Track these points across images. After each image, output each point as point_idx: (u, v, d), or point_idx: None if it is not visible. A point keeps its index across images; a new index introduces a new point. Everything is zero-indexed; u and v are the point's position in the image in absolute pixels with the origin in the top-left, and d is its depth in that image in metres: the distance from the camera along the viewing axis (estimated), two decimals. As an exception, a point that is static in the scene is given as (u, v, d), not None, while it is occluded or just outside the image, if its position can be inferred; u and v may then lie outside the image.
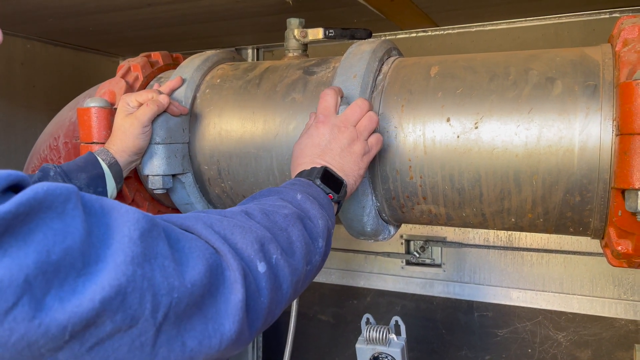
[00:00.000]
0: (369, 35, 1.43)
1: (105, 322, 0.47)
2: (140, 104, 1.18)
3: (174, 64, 1.54)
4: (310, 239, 0.79)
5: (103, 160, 1.16)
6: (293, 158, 1.01)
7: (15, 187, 0.46)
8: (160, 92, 1.21)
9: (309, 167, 0.95)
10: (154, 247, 0.52)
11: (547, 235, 1.94)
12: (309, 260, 0.77)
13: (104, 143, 1.32)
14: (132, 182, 1.40)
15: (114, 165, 1.16)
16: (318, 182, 0.92)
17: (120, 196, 1.40)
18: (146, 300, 0.49)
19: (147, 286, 0.49)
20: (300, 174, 0.95)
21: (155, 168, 1.23)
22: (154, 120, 1.21)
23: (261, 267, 0.65)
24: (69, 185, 0.49)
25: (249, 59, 2.39)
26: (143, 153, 1.22)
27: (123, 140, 1.17)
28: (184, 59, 1.46)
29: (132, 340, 0.49)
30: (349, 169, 0.98)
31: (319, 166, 0.95)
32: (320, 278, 2.34)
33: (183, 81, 1.32)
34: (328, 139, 0.98)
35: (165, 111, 1.22)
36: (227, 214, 0.71)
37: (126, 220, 0.51)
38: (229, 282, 0.59)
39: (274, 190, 0.87)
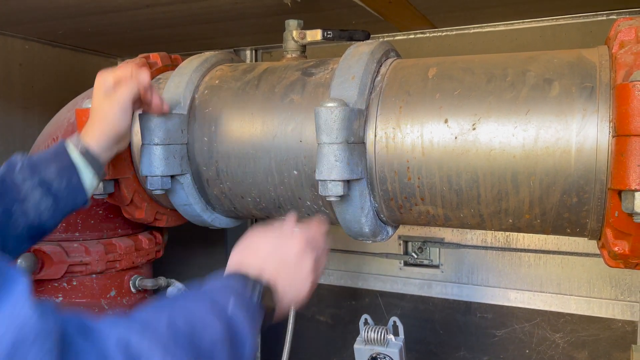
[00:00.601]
0: (367, 37, 1.44)
1: None
2: (119, 82, 1.09)
3: (172, 65, 1.54)
4: None
5: (75, 146, 1.06)
6: (243, 247, 0.92)
7: None
8: (140, 67, 1.12)
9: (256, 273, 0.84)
10: None
11: (545, 236, 1.95)
12: None
13: (102, 144, 1.32)
14: (130, 183, 1.40)
15: (87, 154, 1.07)
16: (255, 297, 0.81)
17: (118, 197, 1.40)
18: None
19: None
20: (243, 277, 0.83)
21: (154, 169, 1.24)
22: (152, 121, 1.21)
23: None
24: None
25: (248, 60, 2.39)
26: (125, 137, 1.14)
27: (102, 124, 1.09)
28: (183, 60, 1.46)
29: None
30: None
31: (264, 281, 0.84)
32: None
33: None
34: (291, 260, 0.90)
35: (150, 110, 1.18)
36: (150, 325, 0.64)
37: (10, 316, 0.45)
38: None
39: (207, 291, 0.78)
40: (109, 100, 1.08)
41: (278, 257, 0.88)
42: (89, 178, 1.08)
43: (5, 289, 0.47)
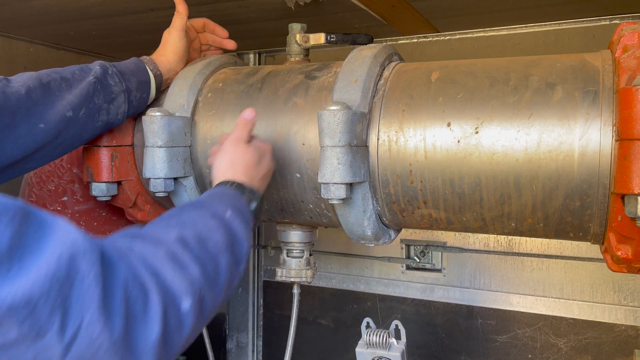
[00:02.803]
0: (370, 41, 1.44)
1: (11, 328, 0.48)
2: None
3: (176, 68, 1.55)
4: (234, 266, 0.83)
5: (150, 70, 1.28)
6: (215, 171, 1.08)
7: None
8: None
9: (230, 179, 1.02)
10: (82, 271, 0.55)
11: (547, 240, 1.94)
12: (229, 286, 0.82)
13: (107, 146, 1.33)
14: (133, 185, 1.41)
15: (158, 77, 1.30)
16: (245, 194, 0.99)
17: (122, 199, 1.41)
18: (55, 316, 0.51)
19: (60, 303, 0.51)
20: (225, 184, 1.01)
21: (157, 171, 1.24)
22: (155, 123, 1.22)
23: (186, 304, 0.68)
24: (13, 201, 0.53)
25: (251, 64, 2.40)
26: (183, 60, 1.36)
27: (164, 47, 1.33)
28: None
29: (37, 353, 0.51)
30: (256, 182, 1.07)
31: (239, 181, 1.02)
32: (320, 282, 2.34)
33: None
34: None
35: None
36: (162, 239, 0.73)
37: (63, 236, 0.55)
38: (149, 318, 0.61)
39: (205, 202, 0.91)
40: (168, 30, 1.34)
41: (247, 164, 1.06)
42: (152, 94, 1.30)
43: (52, 220, 0.57)
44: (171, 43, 1.32)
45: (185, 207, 0.90)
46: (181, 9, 1.33)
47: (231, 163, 1.04)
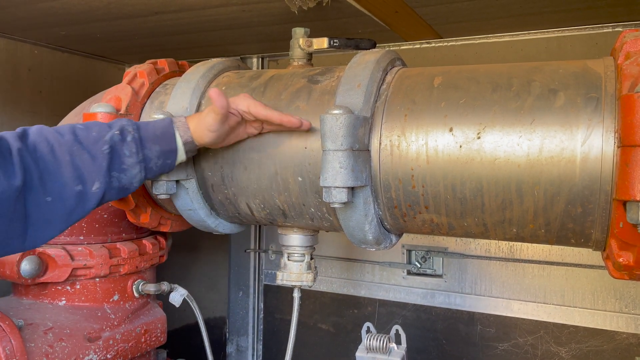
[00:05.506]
0: (373, 46, 1.45)
1: None
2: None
3: (179, 71, 1.55)
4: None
5: (181, 136, 1.17)
6: None
7: None
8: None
9: None
10: None
11: (549, 246, 1.94)
12: None
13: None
14: (136, 188, 1.41)
15: (189, 144, 1.18)
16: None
17: (124, 201, 1.41)
18: None
19: None
20: None
21: (160, 173, 1.24)
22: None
23: None
24: None
25: (254, 68, 2.41)
26: (222, 140, 1.20)
27: (199, 125, 1.18)
28: (190, 66, 1.47)
29: None
30: None
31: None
32: (321, 287, 2.34)
33: None
34: None
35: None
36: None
37: None
38: None
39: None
40: (207, 110, 1.17)
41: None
42: (179, 160, 1.20)
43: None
44: (207, 124, 1.16)
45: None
46: (217, 109, 1.14)
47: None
